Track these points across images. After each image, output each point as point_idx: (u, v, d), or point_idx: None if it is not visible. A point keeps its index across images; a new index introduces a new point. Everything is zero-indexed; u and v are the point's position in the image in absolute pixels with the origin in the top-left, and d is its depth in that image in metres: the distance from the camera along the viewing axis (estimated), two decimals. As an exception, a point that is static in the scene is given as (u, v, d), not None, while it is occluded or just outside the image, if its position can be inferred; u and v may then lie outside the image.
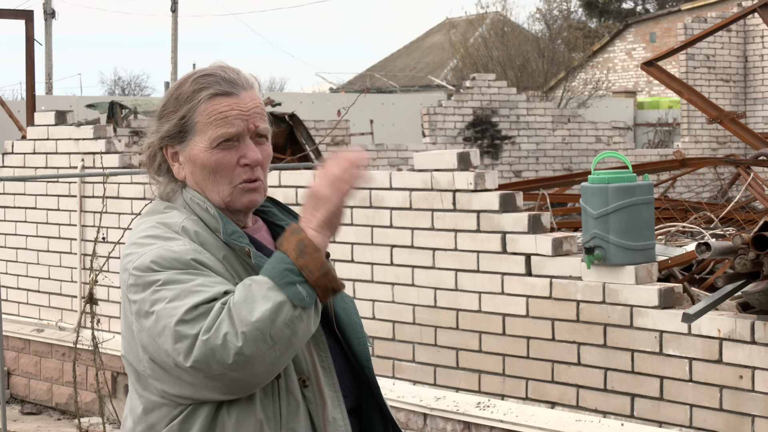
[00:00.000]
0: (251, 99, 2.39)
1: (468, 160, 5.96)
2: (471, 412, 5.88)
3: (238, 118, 2.36)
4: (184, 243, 2.29)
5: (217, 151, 2.36)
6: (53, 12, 23.73)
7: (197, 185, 2.39)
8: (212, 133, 2.35)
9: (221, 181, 2.37)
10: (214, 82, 2.37)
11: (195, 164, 2.37)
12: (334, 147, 15.07)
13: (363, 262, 6.43)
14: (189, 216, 2.36)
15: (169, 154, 2.40)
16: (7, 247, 8.96)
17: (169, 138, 2.39)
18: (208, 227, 2.36)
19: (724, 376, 4.93)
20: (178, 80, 2.43)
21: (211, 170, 2.36)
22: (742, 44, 17.07)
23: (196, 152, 2.37)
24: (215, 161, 2.36)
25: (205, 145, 2.36)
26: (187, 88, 2.38)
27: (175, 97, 2.39)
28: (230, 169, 2.36)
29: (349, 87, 35.07)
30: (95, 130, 8.29)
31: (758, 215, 8.58)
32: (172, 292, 2.19)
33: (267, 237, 2.48)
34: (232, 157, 2.36)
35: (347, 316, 2.47)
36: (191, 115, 2.36)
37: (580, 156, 16.50)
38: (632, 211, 5.21)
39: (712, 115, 10.38)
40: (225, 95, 2.36)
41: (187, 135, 2.37)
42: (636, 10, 40.51)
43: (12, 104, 16.88)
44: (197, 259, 2.25)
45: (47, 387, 8.63)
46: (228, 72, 2.39)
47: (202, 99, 2.36)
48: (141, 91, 47.64)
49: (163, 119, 2.40)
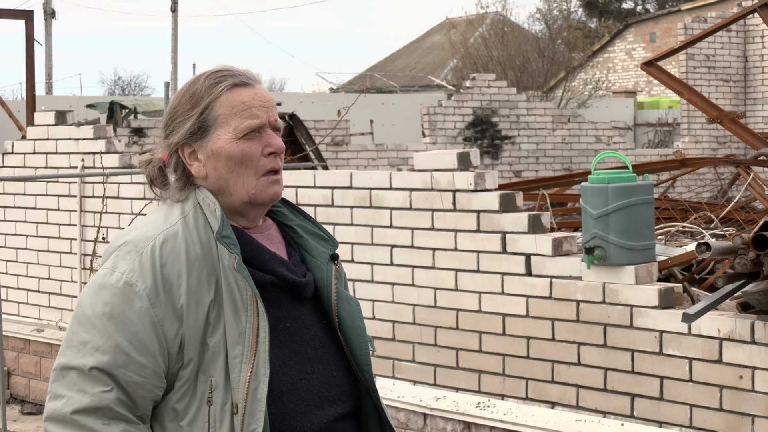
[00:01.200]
0: (265, 91, 2.41)
1: (468, 160, 5.96)
2: (471, 412, 5.88)
3: (260, 108, 2.37)
4: (124, 275, 2.29)
5: (243, 141, 2.35)
6: (53, 12, 23.72)
7: (220, 180, 2.37)
8: (237, 123, 2.35)
9: (247, 173, 2.36)
10: (230, 75, 2.37)
11: (219, 157, 2.36)
12: (334, 147, 15.07)
13: (363, 262, 6.43)
14: (185, 224, 2.34)
15: (186, 154, 2.38)
16: (7, 247, 8.96)
17: (190, 136, 2.37)
18: (211, 232, 2.34)
19: (724, 376, 4.93)
20: (188, 83, 2.42)
21: (237, 161, 2.35)
22: (742, 44, 17.07)
23: (220, 144, 2.35)
24: (241, 151, 2.35)
25: (229, 136, 2.35)
26: (201, 84, 2.37)
27: (189, 96, 2.38)
28: (256, 159, 2.36)
29: (349, 87, 35.08)
30: (95, 130, 8.29)
31: (758, 215, 8.58)
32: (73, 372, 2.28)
33: (276, 235, 2.47)
34: (257, 147, 2.36)
35: (351, 319, 2.45)
36: (212, 109, 2.35)
37: (580, 156, 16.50)
38: (632, 211, 5.21)
39: (712, 115, 10.38)
40: (244, 86, 2.37)
41: (208, 129, 2.36)
42: (636, 10, 40.51)
43: (12, 104, 16.88)
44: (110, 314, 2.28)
45: (47, 387, 8.63)
46: (239, 68, 2.41)
47: (222, 91, 2.35)
48: (141, 91, 47.66)
49: (177, 121, 2.38)
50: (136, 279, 2.28)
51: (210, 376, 2.28)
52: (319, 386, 2.38)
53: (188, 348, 2.28)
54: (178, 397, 2.29)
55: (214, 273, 2.31)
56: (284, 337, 2.36)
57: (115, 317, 2.26)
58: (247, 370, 2.27)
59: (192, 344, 2.28)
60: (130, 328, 2.26)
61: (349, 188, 6.48)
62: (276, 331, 2.35)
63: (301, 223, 2.51)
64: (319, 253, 2.47)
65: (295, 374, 2.35)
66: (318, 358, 2.40)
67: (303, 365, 2.37)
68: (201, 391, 2.28)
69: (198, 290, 2.30)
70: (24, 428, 8.03)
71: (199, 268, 2.31)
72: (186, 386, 2.28)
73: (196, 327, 2.28)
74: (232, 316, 2.29)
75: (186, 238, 2.33)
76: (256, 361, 2.27)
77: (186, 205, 2.37)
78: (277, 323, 2.36)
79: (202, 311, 2.29)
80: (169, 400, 2.30)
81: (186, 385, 2.28)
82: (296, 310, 2.40)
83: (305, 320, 2.41)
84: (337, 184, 6.54)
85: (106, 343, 2.25)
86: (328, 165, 14.36)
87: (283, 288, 2.39)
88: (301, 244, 2.49)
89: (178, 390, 2.29)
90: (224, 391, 2.28)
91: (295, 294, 2.41)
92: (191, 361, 2.28)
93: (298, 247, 2.49)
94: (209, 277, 2.31)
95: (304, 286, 2.41)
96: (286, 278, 2.39)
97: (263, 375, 2.27)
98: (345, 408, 2.41)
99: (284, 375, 2.33)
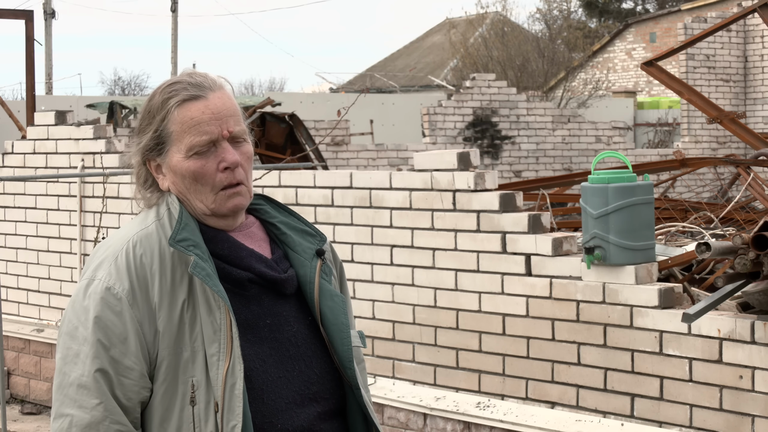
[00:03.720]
0: (221, 100, 2.36)
1: (468, 160, 5.96)
2: (471, 412, 5.88)
3: (211, 123, 2.33)
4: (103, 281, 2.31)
5: (195, 160, 2.34)
6: (53, 12, 23.71)
7: (181, 194, 2.38)
8: (188, 141, 2.33)
9: (203, 189, 2.35)
10: (181, 88, 2.35)
11: (176, 174, 2.36)
12: (334, 147, 15.07)
13: (363, 262, 6.43)
14: (160, 225, 2.36)
15: (153, 167, 2.39)
16: (7, 247, 8.96)
17: (149, 151, 2.37)
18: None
19: (724, 376, 4.93)
20: (150, 93, 2.41)
21: (191, 179, 2.35)
22: (742, 44, 17.07)
23: (174, 162, 2.35)
24: (194, 170, 2.34)
25: (182, 155, 2.34)
26: (156, 99, 2.37)
27: (148, 110, 2.38)
28: (211, 175, 2.34)
29: (349, 87, 35.08)
30: (95, 130, 8.29)
31: (758, 215, 8.58)
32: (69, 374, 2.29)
33: (258, 233, 2.46)
34: (211, 163, 2.34)
35: (333, 316, 2.43)
36: (165, 126, 2.35)
37: (580, 156, 16.50)
38: (632, 211, 5.21)
39: (712, 115, 10.38)
40: (194, 99, 2.34)
41: (164, 146, 2.36)
42: (636, 10, 40.50)
43: (12, 104, 16.88)
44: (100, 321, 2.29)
45: (47, 387, 8.63)
46: (195, 77, 2.37)
47: (171, 107, 2.34)
48: (141, 91, 47.63)
49: (141, 134, 2.39)
50: (114, 282, 2.29)
51: (191, 375, 2.29)
52: (299, 384, 2.36)
53: (161, 347, 2.29)
54: (159, 399, 2.30)
55: (188, 273, 2.32)
56: (265, 335, 2.36)
57: (101, 324, 2.28)
58: (224, 367, 2.27)
59: (164, 344, 2.29)
60: (115, 331, 2.28)
61: (349, 188, 6.48)
62: (256, 329, 2.35)
63: (284, 219, 2.50)
64: (304, 249, 2.46)
65: (276, 372, 2.34)
66: (299, 355, 2.38)
67: (283, 363, 2.36)
68: (182, 392, 2.29)
69: (172, 290, 2.31)
70: (24, 428, 8.03)
71: (172, 268, 2.32)
72: (164, 386, 2.29)
73: (170, 326, 2.29)
74: (207, 314, 2.30)
75: (160, 239, 2.34)
76: (232, 357, 2.28)
77: (161, 208, 2.39)
78: (257, 320, 2.36)
79: (176, 311, 2.30)
80: (151, 402, 2.30)
81: (164, 385, 2.29)
82: (278, 306, 2.39)
83: (287, 317, 2.40)
84: (337, 184, 6.54)
85: (97, 350, 2.27)
86: (328, 165, 14.36)
87: (262, 285, 2.38)
88: (284, 240, 2.48)
89: (157, 391, 2.30)
90: (206, 390, 2.28)
91: (276, 291, 2.40)
92: (163, 360, 2.29)
93: (282, 243, 2.48)
94: (183, 277, 2.32)
95: (284, 282, 2.40)
96: (264, 275, 2.38)
97: (239, 371, 2.27)
98: (327, 406, 2.40)
99: (264, 373, 2.33)
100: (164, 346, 2.29)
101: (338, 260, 2.59)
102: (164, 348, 2.29)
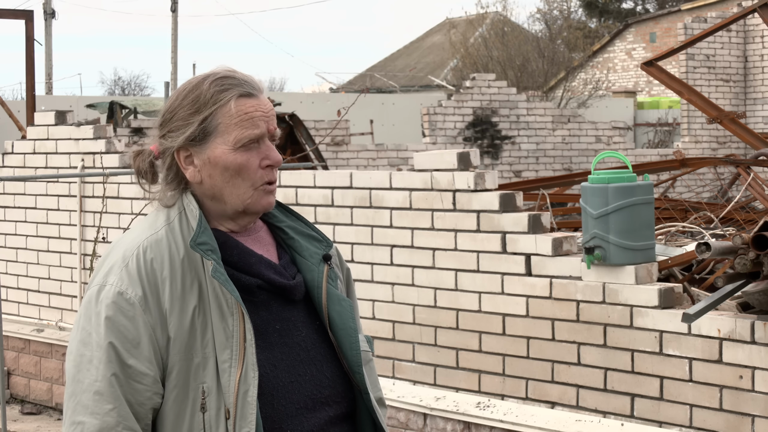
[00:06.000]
0: (266, 101, 2.40)
1: (468, 160, 5.96)
2: (471, 412, 5.88)
3: (261, 119, 2.36)
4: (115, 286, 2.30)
5: (241, 153, 2.34)
6: (53, 12, 23.71)
7: (214, 188, 2.36)
8: (237, 134, 2.34)
9: (243, 184, 2.35)
10: (236, 83, 2.36)
11: (216, 166, 2.35)
12: (334, 147, 15.07)
13: (363, 262, 6.43)
14: (170, 230, 2.35)
15: (182, 157, 2.37)
16: (7, 247, 8.96)
17: (191, 141, 2.36)
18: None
19: (724, 376, 4.93)
20: (190, 84, 2.39)
21: (234, 172, 2.35)
22: (742, 44, 17.07)
23: (218, 154, 2.34)
24: (239, 163, 2.34)
25: (228, 146, 2.34)
26: (206, 89, 2.35)
27: (192, 99, 2.36)
28: (253, 170, 2.35)
29: (349, 87, 35.08)
30: (95, 130, 8.30)
31: (758, 215, 8.58)
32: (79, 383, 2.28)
33: (266, 237, 2.46)
34: (255, 159, 2.36)
35: (341, 320, 2.43)
36: (214, 117, 2.34)
37: (580, 156, 16.50)
38: (632, 211, 5.21)
39: (712, 115, 10.38)
40: (249, 96, 2.36)
41: (208, 137, 2.35)
42: (636, 10, 40.51)
43: (12, 104, 16.88)
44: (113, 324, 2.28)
45: (47, 387, 8.63)
46: (243, 75, 2.40)
47: (227, 100, 2.34)
48: (141, 91, 47.65)
49: (177, 123, 2.36)
50: (126, 287, 2.29)
51: (201, 382, 2.28)
52: (311, 388, 2.36)
53: (172, 353, 2.28)
54: (170, 405, 2.29)
55: (198, 279, 2.32)
56: (274, 340, 2.35)
57: (114, 328, 2.27)
58: (237, 374, 2.27)
59: (176, 350, 2.28)
60: (128, 336, 2.27)
61: (349, 188, 6.48)
62: (266, 334, 2.34)
63: (291, 224, 2.50)
64: (311, 254, 2.46)
65: (287, 377, 2.34)
66: (310, 359, 2.38)
67: (294, 367, 2.36)
68: (192, 398, 2.28)
69: (182, 296, 2.30)
70: (24, 428, 8.03)
71: (183, 274, 2.31)
72: (175, 393, 2.28)
73: (181, 332, 2.28)
74: (219, 321, 2.29)
75: (170, 245, 2.33)
76: (245, 364, 2.27)
77: (172, 211, 2.38)
78: (266, 326, 2.35)
79: (187, 317, 2.29)
80: (162, 409, 2.30)
81: (175, 391, 2.28)
82: (286, 312, 2.39)
83: (296, 322, 2.40)
84: (337, 184, 6.54)
85: (110, 354, 2.26)
86: (328, 165, 14.36)
87: (271, 291, 2.38)
88: (291, 245, 2.48)
89: (167, 398, 2.29)
90: (217, 397, 2.28)
91: (285, 296, 2.40)
92: (174, 366, 2.28)
93: (289, 248, 2.48)
94: (193, 283, 2.31)
95: (293, 289, 2.40)
96: (273, 281, 2.38)
97: (252, 378, 2.27)
98: (338, 410, 2.40)
99: (275, 378, 2.32)
100: (175, 352, 2.28)
101: (344, 265, 2.59)
102: (175, 354, 2.28)
